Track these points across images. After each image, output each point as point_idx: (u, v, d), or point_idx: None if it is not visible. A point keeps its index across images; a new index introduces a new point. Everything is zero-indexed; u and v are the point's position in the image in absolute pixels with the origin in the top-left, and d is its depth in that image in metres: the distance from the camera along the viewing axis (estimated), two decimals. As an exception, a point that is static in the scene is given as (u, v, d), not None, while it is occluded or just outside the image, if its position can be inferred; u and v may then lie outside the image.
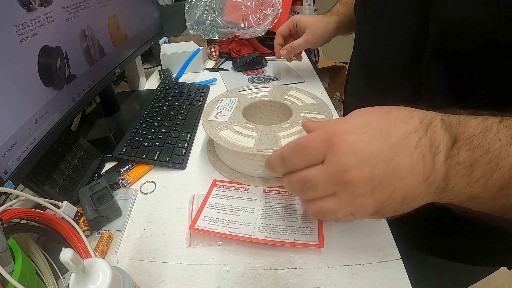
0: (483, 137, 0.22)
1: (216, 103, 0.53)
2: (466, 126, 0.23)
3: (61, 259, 0.20)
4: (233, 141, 0.43)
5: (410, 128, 0.24)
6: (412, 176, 0.23)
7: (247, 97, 0.54)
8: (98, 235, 0.39)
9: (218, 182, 0.46)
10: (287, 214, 0.39)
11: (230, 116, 0.48)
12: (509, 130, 0.22)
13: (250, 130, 0.45)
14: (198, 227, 0.38)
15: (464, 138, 0.23)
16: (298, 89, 0.55)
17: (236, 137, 0.44)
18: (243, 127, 0.46)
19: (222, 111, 0.50)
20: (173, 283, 0.34)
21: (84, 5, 0.51)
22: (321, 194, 0.26)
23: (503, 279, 1.16)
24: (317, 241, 0.35)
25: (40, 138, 0.40)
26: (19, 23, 0.37)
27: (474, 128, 0.23)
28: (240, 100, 0.53)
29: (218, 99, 0.54)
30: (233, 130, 0.45)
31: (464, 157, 0.23)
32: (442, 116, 0.24)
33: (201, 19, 0.96)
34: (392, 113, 0.25)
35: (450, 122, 0.24)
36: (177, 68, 0.84)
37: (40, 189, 0.41)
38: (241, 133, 0.44)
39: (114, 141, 0.54)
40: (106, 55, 0.59)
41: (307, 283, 0.33)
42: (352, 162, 0.24)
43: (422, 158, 0.23)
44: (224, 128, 0.46)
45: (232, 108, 0.51)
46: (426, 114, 0.25)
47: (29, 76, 0.39)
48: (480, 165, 0.22)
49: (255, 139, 0.43)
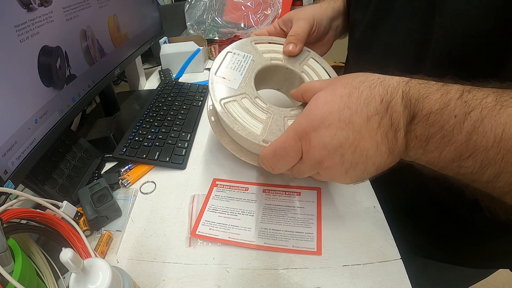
0: (439, 114, 0.24)
1: (227, 58, 0.45)
2: (425, 102, 0.25)
3: (61, 259, 0.20)
4: (240, 121, 0.38)
5: (371, 110, 0.26)
6: (379, 153, 0.27)
7: (262, 55, 0.46)
8: (98, 235, 0.39)
9: (218, 181, 0.46)
10: (287, 218, 0.39)
11: (241, 81, 0.42)
12: (466, 105, 0.23)
13: (260, 110, 0.40)
14: (199, 233, 0.38)
15: (422, 115, 0.25)
16: (320, 60, 0.48)
17: (244, 116, 0.39)
18: (252, 102, 0.40)
19: (232, 72, 0.43)
20: (173, 283, 0.34)
21: (84, 5, 0.51)
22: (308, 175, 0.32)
23: (503, 279, 1.16)
24: (315, 248, 0.35)
25: (40, 138, 0.40)
26: (19, 23, 0.37)
27: (433, 104, 0.24)
28: (254, 59, 0.45)
29: (231, 50, 0.46)
30: (241, 105, 0.40)
31: (420, 132, 0.25)
32: (403, 89, 0.26)
33: (201, 19, 0.96)
34: (353, 95, 0.27)
35: (410, 98, 0.25)
36: (177, 68, 0.84)
37: (40, 189, 0.41)
38: (250, 111, 0.39)
39: (114, 141, 0.54)
40: (106, 55, 0.59)
41: (307, 283, 0.33)
42: (323, 154, 0.28)
43: (385, 136, 0.26)
44: (232, 99, 0.40)
45: (244, 69, 0.44)
46: (387, 89, 0.26)
47: (29, 76, 0.39)
48: (434, 140, 0.25)
49: (263, 124, 0.38)
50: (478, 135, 0.22)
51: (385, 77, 0.27)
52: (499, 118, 0.22)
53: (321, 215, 0.39)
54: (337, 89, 0.28)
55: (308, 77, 0.45)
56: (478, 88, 0.24)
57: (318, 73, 0.46)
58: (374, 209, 0.40)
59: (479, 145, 0.23)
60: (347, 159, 0.27)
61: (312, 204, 0.41)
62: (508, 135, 0.21)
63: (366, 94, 0.27)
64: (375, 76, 0.28)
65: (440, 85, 0.25)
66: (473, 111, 0.23)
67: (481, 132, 0.22)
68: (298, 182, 0.45)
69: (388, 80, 0.27)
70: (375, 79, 0.27)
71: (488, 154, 0.22)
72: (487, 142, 0.22)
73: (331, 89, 0.29)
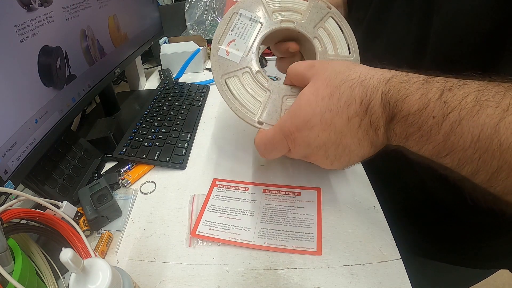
0: (418, 115, 0.24)
1: (232, 21, 0.41)
2: (404, 103, 0.25)
3: (61, 259, 0.20)
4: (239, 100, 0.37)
5: (351, 112, 0.27)
6: (361, 147, 0.29)
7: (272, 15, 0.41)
8: (98, 235, 0.39)
9: (218, 181, 0.46)
10: (287, 218, 0.39)
11: (243, 53, 0.40)
12: (445, 106, 0.23)
13: (260, 87, 0.38)
14: (199, 233, 0.38)
15: (400, 116, 0.25)
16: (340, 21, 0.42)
17: (243, 94, 0.38)
18: (253, 78, 0.38)
19: (237, 39, 0.40)
20: (173, 283, 0.34)
21: (84, 5, 0.51)
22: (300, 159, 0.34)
23: (503, 279, 1.16)
24: (315, 248, 0.35)
25: (40, 138, 0.40)
26: (19, 23, 0.37)
27: (412, 105, 0.25)
28: (262, 22, 0.41)
29: (236, 12, 0.41)
30: (241, 81, 0.38)
31: (399, 131, 0.26)
32: (383, 89, 0.26)
33: (201, 19, 0.96)
34: (334, 96, 0.28)
35: (389, 99, 0.26)
36: (177, 68, 0.84)
37: (40, 189, 0.41)
38: (249, 89, 0.38)
39: (114, 141, 0.54)
40: (106, 55, 0.59)
41: (307, 283, 0.33)
42: (308, 151, 0.31)
43: (366, 133, 0.28)
44: (233, 75, 0.39)
45: (249, 35, 0.40)
46: (366, 91, 0.27)
47: (29, 76, 0.39)
48: (413, 138, 0.25)
49: (261, 103, 0.37)
50: (455, 135, 0.23)
51: (366, 75, 0.27)
52: (477, 119, 0.22)
53: (321, 215, 0.39)
54: (319, 88, 0.29)
55: (320, 45, 0.40)
56: (459, 86, 0.24)
57: (334, 40, 0.41)
58: (374, 209, 0.40)
59: (456, 145, 0.23)
60: (331, 154, 0.30)
61: (312, 204, 0.41)
62: (485, 136, 0.22)
63: (346, 95, 0.27)
64: (357, 73, 0.28)
65: (421, 83, 0.25)
66: (451, 112, 0.23)
67: (458, 133, 0.23)
68: (298, 182, 0.45)
69: (369, 80, 0.27)
70: (355, 78, 0.28)
71: (466, 153, 0.23)
72: (465, 142, 0.23)
73: (314, 88, 0.30)
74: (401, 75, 0.26)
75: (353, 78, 0.28)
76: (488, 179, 0.23)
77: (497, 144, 0.21)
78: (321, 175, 0.45)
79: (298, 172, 0.46)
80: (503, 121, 0.21)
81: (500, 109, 0.21)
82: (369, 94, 0.27)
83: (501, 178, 0.22)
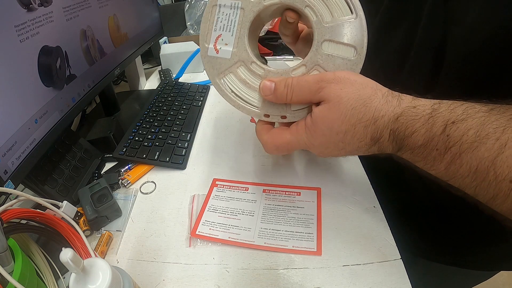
0: (423, 148, 0.27)
1: (213, 15, 0.38)
2: (410, 139, 0.28)
3: (61, 259, 0.20)
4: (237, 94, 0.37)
5: (362, 144, 0.31)
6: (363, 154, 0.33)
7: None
8: (98, 235, 0.39)
9: (218, 181, 0.46)
10: (287, 218, 0.39)
11: (233, 47, 0.37)
12: (448, 140, 0.26)
13: (257, 77, 0.36)
14: (199, 233, 0.38)
15: (407, 149, 0.29)
16: None
17: (241, 87, 0.37)
18: (248, 70, 0.37)
19: (223, 33, 0.38)
20: (173, 283, 0.34)
21: (84, 5, 0.51)
22: None
23: (503, 279, 1.16)
24: (315, 248, 0.35)
25: (40, 138, 0.40)
26: (19, 23, 0.37)
27: (418, 139, 0.27)
28: (243, 7, 0.37)
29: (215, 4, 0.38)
30: (237, 76, 0.37)
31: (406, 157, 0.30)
32: (392, 127, 0.29)
33: (201, 19, 0.96)
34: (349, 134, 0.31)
35: (397, 137, 0.29)
36: (177, 68, 0.84)
37: (40, 189, 0.41)
38: (247, 82, 0.37)
39: (114, 141, 0.54)
40: (106, 55, 0.59)
41: (307, 283, 0.33)
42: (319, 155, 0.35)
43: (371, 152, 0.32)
44: (228, 72, 0.37)
45: (234, 25, 0.37)
46: (377, 129, 0.30)
47: (29, 76, 0.39)
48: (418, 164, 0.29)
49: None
50: (455, 165, 0.26)
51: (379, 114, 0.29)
52: (477, 153, 0.24)
53: (321, 215, 0.39)
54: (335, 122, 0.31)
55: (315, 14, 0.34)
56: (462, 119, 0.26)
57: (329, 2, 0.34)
58: (374, 209, 0.40)
59: (456, 173, 0.26)
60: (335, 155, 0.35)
61: (312, 204, 0.41)
62: (482, 168, 0.24)
63: (360, 134, 0.30)
64: (371, 112, 0.30)
65: (426, 118, 0.27)
66: (453, 146, 0.25)
67: (458, 164, 0.25)
68: (298, 182, 0.45)
69: (381, 119, 0.29)
70: (370, 119, 0.30)
71: (464, 181, 0.26)
72: (463, 172, 0.25)
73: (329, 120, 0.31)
74: (409, 110, 0.28)
75: (368, 119, 0.30)
76: (486, 202, 0.26)
77: (493, 176, 0.24)
78: (321, 175, 0.45)
79: (298, 172, 0.46)
80: (500, 156, 0.23)
81: (499, 144, 0.24)
82: (379, 132, 0.29)
83: (497, 203, 0.25)
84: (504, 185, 0.23)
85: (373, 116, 0.29)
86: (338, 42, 0.34)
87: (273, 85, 0.34)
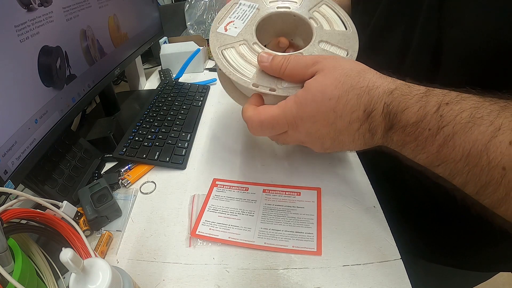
0: (415, 126, 0.26)
1: (233, 8, 0.45)
2: (403, 115, 0.27)
3: (61, 259, 0.20)
4: (233, 65, 0.38)
5: (353, 117, 0.29)
6: (354, 144, 0.31)
7: (269, 4, 0.45)
8: (98, 235, 0.39)
9: (218, 181, 0.46)
10: (287, 218, 0.39)
11: (241, 30, 0.42)
12: (441, 119, 0.25)
13: (256, 55, 0.39)
14: (199, 233, 0.38)
15: (399, 126, 0.27)
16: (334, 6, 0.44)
17: (239, 60, 0.39)
18: (249, 48, 0.40)
19: (236, 21, 0.43)
20: (173, 283, 0.34)
21: (84, 5, 0.51)
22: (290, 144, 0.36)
23: (503, 279, 1.16)
24: (315, 248, 0.35)
25: (40, 138, 0.40)
26: (19, 23, 0.37)
27: (410, 116, 0.26)
28: (260, 8, 0.44)
29: (236, 2, 0.45)
30: (237, 51, 0.40)
31: (396, 139, 0.28)
32: (386, 100, 0.28)
33: (201, 19, 0.96)
34: (341, 101, 0.29)
35: (390, 111, 0.28)
36: (177, 68, 0.84)
37: (40, 189, 0.41)
38: (245, 56, 0.39)
39: (114, 141, 0.54)
40: (106, 55, 0.59)
41: (307, 283, 0.33)
42: (306, 138, 0.33)
43: (362, 136, 0.30)
44: (230, 46, 0.40)
45: (247, 18, 0.43)
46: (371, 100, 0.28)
47: (29, 76, 0.39)
48: (408, 146, 0.27)
49: (256, 68, 0.38)
50: (448, 148, 0.25)
51: (374, 84, 0.29)
52: (470, 135, 0.23)
53: (321, 215, 0.39)
54: (328, 87, 0.30)
55: (316, 23, 0.41)
56: (456, 101, 0.25)
57: (329, 19, 0.42)
58: (374, 209, 0.40)
59: (448, 157, 0.25)
60: (326, 144, 0.32)
61: (312, 204, 0.41)
62: (475, 152, 0.23)
63: (353, 102, 0.29)
64: (366, 81, 0.29)
65: (420, 96, 0.26)
66: (446, 126, 0.24)
67: (451, 146, 0.24)
68: (298, 182, 0.45)
69: (375, 90, 0.28)
70: (364, 87, 0.29)
71: (456, 166, 0.25)
72: (456, 156, 0.24)
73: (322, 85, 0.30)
74: (403, 86, 0.28)
75: (362, 86, 0.29)
76: (476, 192, 0.24)
77: (486, 161, 0.23)
78: (321, 175, 0.45)
79: (298, 172, 0.46)
80: (494, 140, 0.22)
81: (493, 128, 0.23)
82: (372, 103, 0.28)
83: (488, 192, 0.23)
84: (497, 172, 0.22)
85: (367, 85, 0.29)
86: (333, 44, 0.39)
87: (271, 56, 0.34)
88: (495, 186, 0.23)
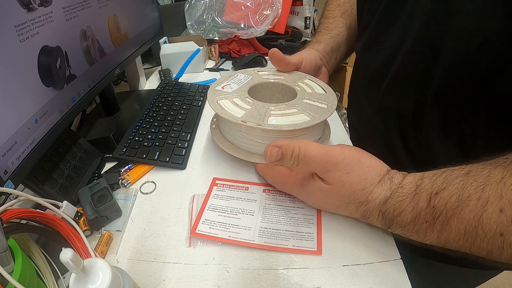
0: (412, 224, 0.30)
1: (231, 77, 0.54)
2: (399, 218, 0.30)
3: (61, 259, 0.20)
4: (225, 109, 0.44)
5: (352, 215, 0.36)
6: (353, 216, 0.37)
7: (261, 77, 0.54)
8: (98, 235, 0.39)
9: (218, 180, 0.46)
10: (287, 218, 0.39)
11: (236, 89, 0.50)
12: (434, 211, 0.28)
13: (246, 104, 0.46)
14: (199, 231, 0.38)
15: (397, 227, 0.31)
16: (316, 80, 0.54)
17: (231, 106, 0.45)
18: (242, 100, 0.47)
19: (232, 84, 0.51)
20: (173, 283, 0.34)
21: (84, 5, 0.51)
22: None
23: (503, 279, 1.17)
24: (316, 248, 0.35)
25: (40, 138, 0.40)
26: (19, 23, 0.37)
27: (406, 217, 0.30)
28: (254, 78, 0.53)
29: (234, 73, 0.55)
30: (231, 101, 0.47)
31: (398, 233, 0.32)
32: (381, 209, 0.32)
33: (201, 19, 0.96)
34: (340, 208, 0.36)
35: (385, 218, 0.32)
36: (177, 68, 0.84)
37: (40, 189, 0.41)
38: (237, 104, 0.46)
39: (114, 141, 0.54)
40: (106, 55, 0.59)
41: (307, 283, 0.33)
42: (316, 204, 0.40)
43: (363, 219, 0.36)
44: (224, 98, 0.47)
45: (242, 83, 0.52)
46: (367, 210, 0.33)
47: (29, 76, 0.39)
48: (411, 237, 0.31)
49: (245, 111, 0.44)
50: (446, 232, 0.28)
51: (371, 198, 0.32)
52: (462, 216, 0.26)
53: (321, 215, 0.39)
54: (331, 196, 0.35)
55: (299, 88, 0.50)
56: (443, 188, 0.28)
57: (311, 87, 0.51)
58: (374, 209, 0.40)
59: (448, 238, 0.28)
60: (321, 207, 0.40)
61: (312, 204, 0.41)
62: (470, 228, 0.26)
63: (351, 210, 0.35)
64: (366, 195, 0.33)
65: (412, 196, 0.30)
66: (440, 215, 0.27)
67: (448, 230, 0.27)
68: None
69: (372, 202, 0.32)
70: (362, 200, 0.33)
71: (458, 243, 0.28)
72: (455, 236, 0.27)
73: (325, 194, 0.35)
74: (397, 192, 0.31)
75: (361, 202, 0.33)
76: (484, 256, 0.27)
77: (483, 234, 0.25)
78: (321, 175, 0.45)
79: (298, 172, 0.46)
80: (485, 214, 0.25)
81: (481, 202, 0.25)
82: (369, 212, 0.33)
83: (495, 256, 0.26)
84: (496, 240, 0.25)
85: (366, 199, 0.33)
86: (315, 100, 0.47)
87: (279, 152, 0.35)
88: (499, 252, 0.25)
